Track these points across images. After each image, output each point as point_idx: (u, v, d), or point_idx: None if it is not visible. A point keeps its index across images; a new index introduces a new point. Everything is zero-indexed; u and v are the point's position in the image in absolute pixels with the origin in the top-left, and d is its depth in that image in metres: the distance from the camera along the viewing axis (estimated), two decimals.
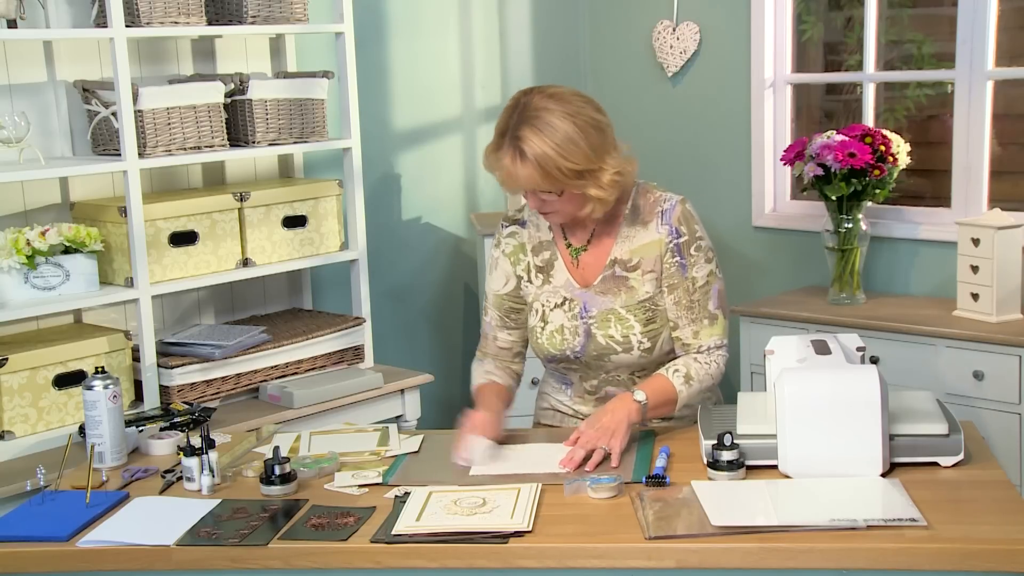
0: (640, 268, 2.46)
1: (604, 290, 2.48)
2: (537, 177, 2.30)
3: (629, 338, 2.45)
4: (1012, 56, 3.87)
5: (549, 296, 2.52)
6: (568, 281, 2.51)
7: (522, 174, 2.31)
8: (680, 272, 2.45)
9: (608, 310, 2.47)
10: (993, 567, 1.85)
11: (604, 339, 2.46)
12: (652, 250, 2.46)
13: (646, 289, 2.46)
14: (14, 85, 3.16)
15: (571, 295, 2.50)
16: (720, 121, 4.48)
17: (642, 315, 2.46)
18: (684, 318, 2.46)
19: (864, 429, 2.10)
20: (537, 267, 2.54)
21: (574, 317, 2.48)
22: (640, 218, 2.48)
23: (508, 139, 2.32)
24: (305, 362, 3.47)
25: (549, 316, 2.51)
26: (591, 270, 2.50)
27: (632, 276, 2.46)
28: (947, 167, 3.96)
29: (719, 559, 1.90)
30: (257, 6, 3.35)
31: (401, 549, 1.96)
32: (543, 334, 2.52)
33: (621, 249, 2.48)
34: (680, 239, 2.45)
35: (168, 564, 2.01)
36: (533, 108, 2.32)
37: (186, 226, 3.28)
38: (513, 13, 4.56)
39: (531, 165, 2.29)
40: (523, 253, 2.56)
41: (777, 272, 4.40)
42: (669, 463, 2.26)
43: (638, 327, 2.45)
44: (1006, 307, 3.58)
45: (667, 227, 2.45)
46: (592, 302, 2.48)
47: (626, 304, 2.46)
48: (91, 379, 2.46)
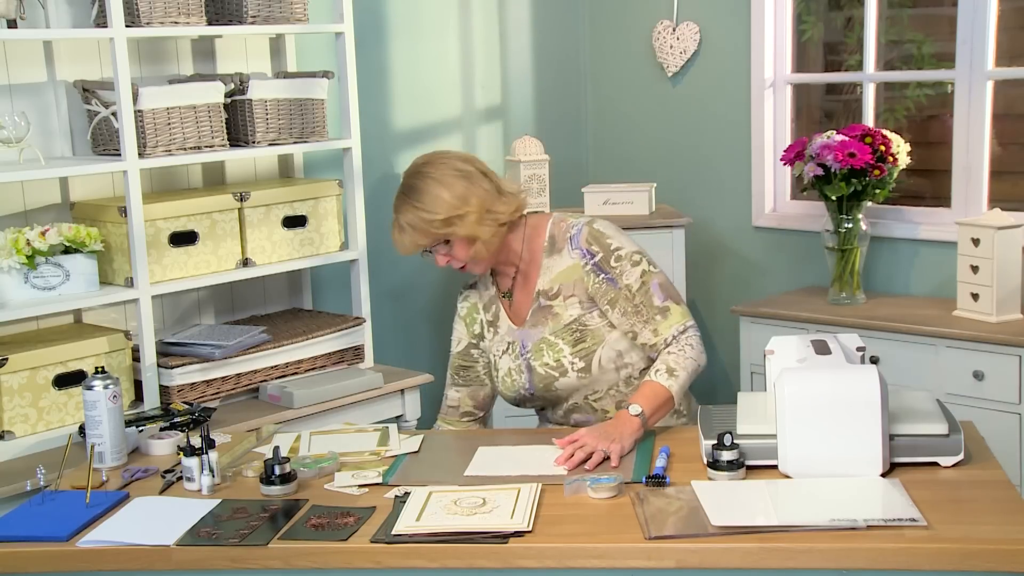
0: (561, 294, 2.57)
1: (535, 323, 2.59)
2: (417, 237, 2.54)
3: (561, 361, 2.54)
4: (1012, 56, 3.87)
5: (498, 346, 2.67)
6: (509, 327, 2.64)
7: (408, 241, 2.55)
8: (612, 286, 2.54)
9: (539, 340, 2.58)
10: (993, 567, 1.85)
11: (542, 368, 2.56)
12: (570, 275, 2.56)
13: (570, 313, 2.56)
14: (14, 85, 3.16)
15: (512, 338, 2.63)
16: (720, 121, 4.48)
17: (569, 337, 2.55)
18: (637, 324, 2.54)
19: (864, 429, 2.10)
20: (488, 322, 2.69)
21: (516, 357, 2.61)
22: (556, 247, 2.60)
23: (396, 219, 2.57)
24: (305, 362, 3.47)
25: (499, 363, 2.67)
26: (523, 308, 2.64)
27: (555, 303, 2.57)
28: (947, 167, 3.96)
29: (719, 559, 1.90)
30: (257, 6, 3.35)
31: (401, 549, 1.96)
32: (499, 381, 2.68)
33: (543, 281, 2.60)
34: (595, 258, 2.56)
35: (168, 564, 2.01)
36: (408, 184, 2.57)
37: (186, 226, 3.28)
38: (513, 13, 4.56)
39: (408, 232, 2.54)
40: (476, 312, 2.73)
41: (777, 272, 4.40)
42: (669, 463, 2.26)
43: (567, 349, 2.54)
44: (1006, 307, 3.58)
45: (579, 251, 2.56)
46: (527, 337, 2.60)
47: (554, 330, 2.56)
48: (91, 379, 2.46)
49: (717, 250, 4.56)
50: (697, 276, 4.54)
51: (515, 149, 4.23)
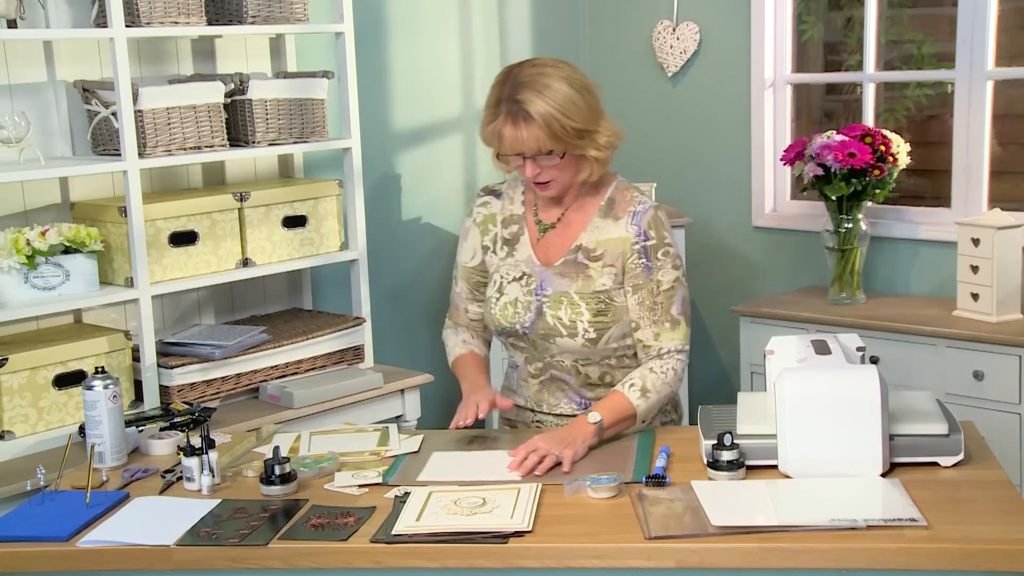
0: (602, 260, 2.48)
1: (563, 272, 2.50)
2: (544, 137, 2.34)
3: (576, 324, 2.47)
4: (1012, 56, 3.87)
5: (509, 269, 2.55)
6: (530, 257, 2.54)
7: (527, 136, 2.34)
8: (645, 274, 2.47)
9: (562, 292, 2.49)
10: (993, 567, 1.85)
11: (553, 319, 2.48)
12: (617, 246, 2.48)
13: (603, 281, 2.48)
14: (14, 85, 3.16)
15: (531, 271, 2.52)
16: (720, 121, 4.48)
17: (594, 304, 2.47)
18: (646, 319, 2.48)
19: (864, 429, 2.10)
20: (504, 239, 2.58)
21: (529, 293, 2.51)
22: (613, 212, 2.51)
23: (507, 105, 2.35)
24: (305, 362, 3.47)
25: (506, 288, 2.54)
26: (555, 250, 2.53)
27: (592, 265, 2.49)
28: (947, 167, 3.97)
29: (719, 559, 1.90)
30: (257, 6, 3.35)
31: (401, 549, 1.96)
32: (496, 305, 2.54)
33: (588, 237, 2.50)
34: (648, 242, 2.47)
35: (168, 564, 2.01)
36: (527, 75, 2.37)
37: (186, 226, 3.28)
38: (513, 13, 4.56)
39: (536, 125, 2.33)
40: (492, 223, 2.60)
41: (777, 272, 4.40)
42: (669, 463, 2.26)
43: (587, 315, 2.47)
44: (1006, 307, 3.58)
45: (636, 227, 2.48)
46: (549, 281, 2.50)
47: (580, 291, 2.48)
48: (91, 379, 2.46)
49: (717, 250, 4.56)
50: (697, 276, 4.54)
51: None
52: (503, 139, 2.37)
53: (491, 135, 2.41)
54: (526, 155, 2.38)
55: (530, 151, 2.37)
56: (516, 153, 2.39)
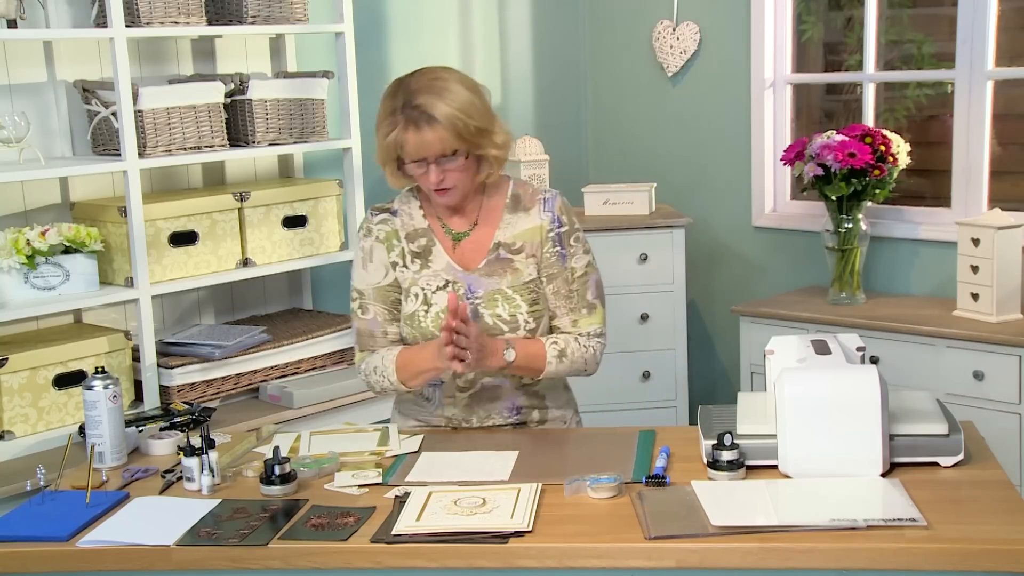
0: (524, 251, 2.51)
1: (490, 272, 2.50)
2: (449, 137, 2.35)
3: (516, 317, 2.48)
4: (1012, 56, 3.87)
5: (429, 280, 2.51)
6: (449, 264, 2.52)
7: (433, 138, 2.35)
8: (560, 262, 2.51)
9: (495, 290, 2.49)
10: (993, 567, 1.85)
11: (491, 318, 2.48)
12: (534, 235, 2.51)
13: (529, 271, 2.50)
14: (14, 85, 3.16)
15: (453, 277, 2.51)
16: (720, 121, 4.48)
17: (527, 295, 2.49)
18: (562, 307, 2.52)
19: (864, 429, 2.10)
20: (413, 252, 2.54)
21: (460, 298, 2.48)
22: (521, 205, 2.53)
23: (406, 112, 2.36)
24: (305, 362, 3.47)
25: (432, 299, 2.50)
26: (473, 255, 2.53)
27: (516, 259, 2.51)
28: (947, 167, 3.96)
29: (719, 559, 1.90)
30: (257, 6, 3.35)
31: (401, 549, 1.96)
32: (427, 317, 2.49)
33: (504, 233, 2.52)
34: (561, 228, 2.51)
35: (168, 564, 2.01)
36: (421, 82, 2.39)
37: (186, 226, 3.28)
38: (513, 13, 4.56)
39: (441, 126, 2.35)
40: (396, 239, 2.55)
41: (777, 272, 4.40)
42: (669, 463, 2.26)
43: (524, 307, 2.49)
44: (1006, 307, 3.58)
45: (550, 214, 2.51)
46: (477, 284, 2.50)
47: (512, 284, 2.49)
48: (91, 379, 2.46)
49: (717, 250, 4.56)
50: (697, 276, 4.54)
51: (515, 149, 4.23)
52: (407, 145, 2.37)
53: (391, 146, 2.39)
54: (430, 160, 2.38)
55: (436, 154, 2.37)
56: (421, 159, 2.38)
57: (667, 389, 4.21)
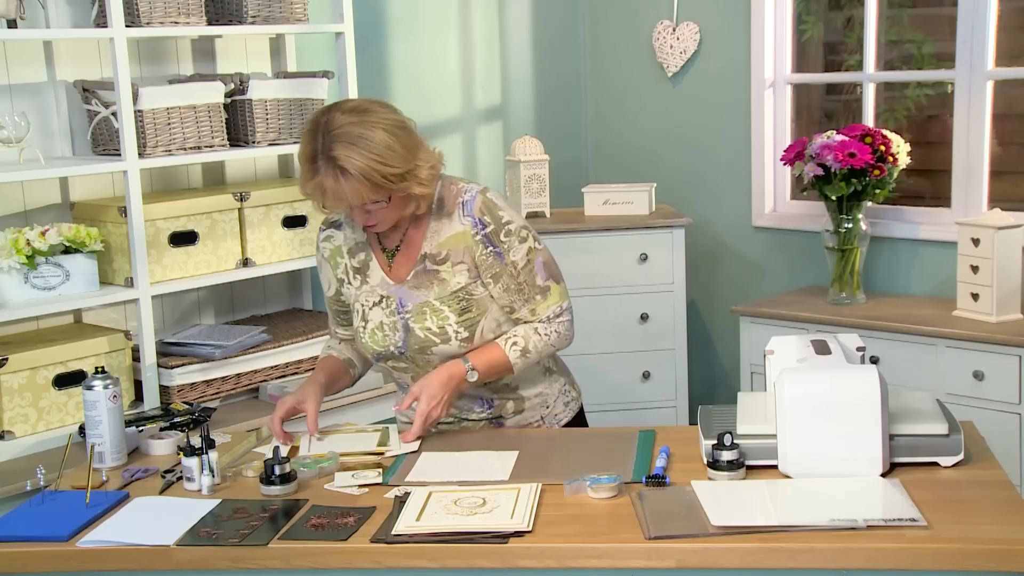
0: (449, 260, 2.48)
1: (417, 284, 2.50)
2: (364, 190, 2.32)
3: (445, 328, 2.47)
4: (1012, 56, 3.87)
5: (367, 296, 2.54)
6: (383, 279, 2.53)
7: (349, 190, 2.31)
8: (498, 260, 2.48)
9: (423, 303, 2.49)
10: (993, 567, 1.85)
11: (422, 332, 2.48)
12: (459, 241, 2.48)
13: (457, 280, 2.48)
14: (14, 85, 3.16)
15: (387, 292, 2.52)
16: (720, 121, 4.48)
17: (456, 305, 2.48)
18: (517, 300, 2.50)
19: (864, 429, 2.10)
20: (354, 268, 2.57)
21: (392, 313, 2.51)
22: (444, 210, 2.50)
23: (323, 161, 2.31)
24: (305, 362, 3.47)
25: (368, 315, 2.54)
26: (403, 267, 2.53)
27: (442, 269, 2.49)
28: (947, 167, 3.97)
29: (719, 559, 1.90)
30: (257, 6, 3.35)
31: (401, 549, 1.96)
32: (365, 333, 2.54)
33: (430, 244, 2.50)
34: (486, 229, 2.47)
35: (168, 564, 2.01)
36: (338, 126, 2.32)
37: (186, 226, 3.28)
38: (513, 13, 4.56)
39: (355, 180, 2.30)
40: (340, 256, 2.59)
41: (777, 272, 4.40)
42: (669, 463, 2.26)
43: (453, 317, 2.47)
44: (1006, 307, 3.58)
45: (470, 219, 2.47)
46: (407, 297, 2.50)
47: (439, 296, 2.48)
48: (91, 379, 2.46)
49: (717, 250, 4.56)
50: (697, 276, 4.55)
51: (515, 149, 4.23)
52: (326, 194, 2.35)
53: (314, 190, 2.36)
54: (355, 207, 2.37)
55: (352, 204, 2.35)
56: (339, 207, 2.39)
57: (667, 389, 4.21)
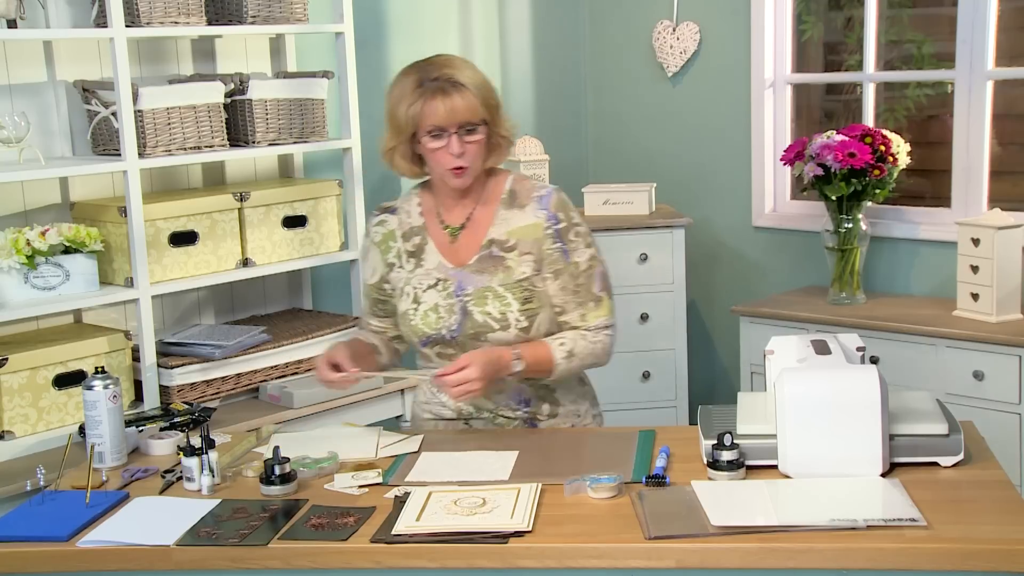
0: (517, 249, 2.50)
1: (480, 269, 2.51)
2: (478, 104, 2.41)
3: (506, 315, 2.48)
4: (1012, 56, 3.87)
5: (422, 279, 2.54)
6: (440, 263, 2.54)
7: (462, 104, 2.40)
8: (563, 258, 2.50)
9: (485, 288, 2.49)
10: (993, 567, 1.85)
11: (481, 316, 2.48)
12: (529, 233, 2.51)
13: (523, 270, 2.50)
14: (14, 85, 3.16)
15: (444, 276, 2.53)
16: (720, 121, 4.48)
17: (519, 294, 2.49)
18: (571, 303, 2.52)
19: (864, 429, 2.10)
20: (408, 252, 2.58)
21: (449, 296, 2.50)
22: (517, 202, 2.53)
23: (432, 84, 2.40)
24: (305, 362, 3.47)
25: (422, 297, 2.53)
26: (466, 250, 2.54)
27: (509, 256, 2.50)
28: (947, 167, 3.97)
29: (719, 559, 1.90)
30: (257, 6, 3.35)
31: (401, 549, 1.96)
32: (416, 315, 2.53)
33: (498, 230, 2.52)
34: (559, 225, 2.51)
35: (168, 564, 2.01)
36: (439, 61, 2.45)
37: (186, 226, 3.28)
38: (513, 13, 4.56)
39: (471, 93, 2.41)
40: (393, 240, 2.59)
41: (777, 272, 4.40)
42: (669, 463, 2.26)
43: (515, 305, 2.48)
44: (1006, 307, 3.58)
45: (545, 212, 2.51)
46: (467, 281, 2.51)
47: (503, 283, 2.49)
48: (91, 379, 2.46)
49: (717, 250, 4.56)
50: (697, 276, 4.54)
51: (515, 149, 4.22)
52: (436, 113, 2.39)
53: (411, 119, 2.42)
54: (452, 130, 2.41)
55: (462, 121, 2.41)
56: (443, 129, 2.41)
57: (667, 389, 4.21)
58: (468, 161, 2.45)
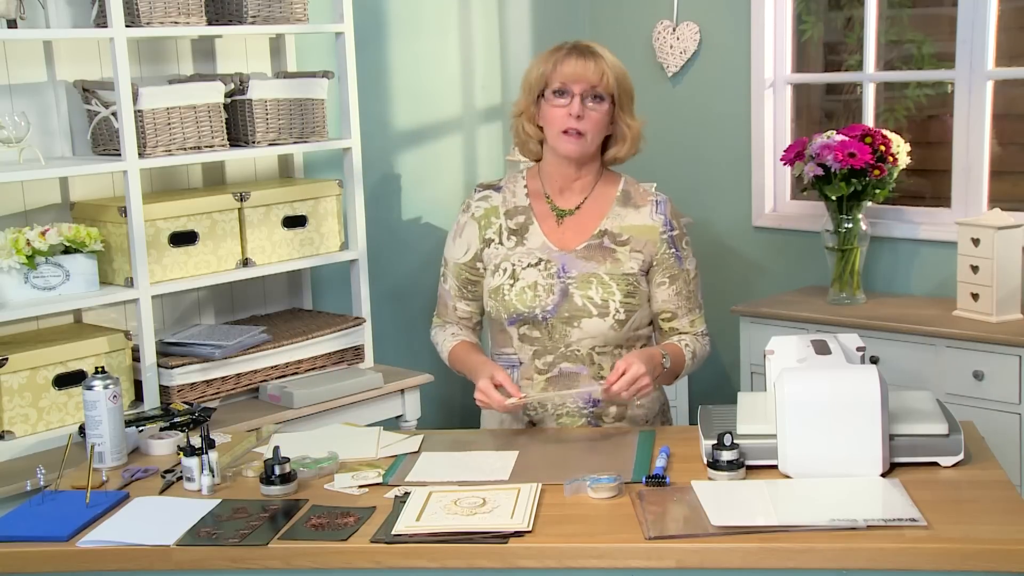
0: (629, 245, 2.54)
1: (588, 256, 2.53)
2: (609, 76, 2.47)
3: (608, 302, 2.49)
4: (1012, 56, 3.87)
5: (522, 256, 2.54)
6: (545, 243, 2.55)
7: (595, 68, 2.46)
8: (678, 264, 2.57)
9: (590, 273, 2.51)
10: (993, 567, 1.85)
11: (582, 299, 2.49)
12: (645, 233, 2.55)
13: (631, 265, 2.53)
14: (14, 85, 3.16)
15: (548, 256, 2.53)
16: (720, 121, 4.48)
17: (624, 286, 2.51)
18: (683, 308, 2.61)
19: (864, 429, 2.10)
20: (510, 229, 2.58)
21: (550, 276, 2.51)
22: (632, 202, 2.58)
23: (572, 48, 2.49)
24: (305, 362, 3.47)
25: (521, 274, 2.52)
26: (574, 235, 2.55)
27: (620, 250, 2.53)
28: (947, 167, 3.97)
29: (719, 559, 1.90)
30: (257, 6, 3.35)
31: (401, 549, 1.96)
32: (511, 291, 2.51)
33: (612, 223, 2.56)
34: (673, 232, 2.58)
35: (168, 564, 2.01)
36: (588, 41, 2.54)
37: (186, 226, 3.28)
38: (513, 13, 4.56)
39: (606, 63, 2.47)
40: (495, 216, 2.59)
41: (777, 272, 4.40)
42: (669, 463, 2.26)
43: (619, 296, 2.50)
44: (1006, 307, 3.58)
45: (662, 217, 2.57)
46: (572, 264, 2.52)
47: (610, 272, 2.51)
48: (91, 379, 2.46)
49: (717, 250, 4.56)
50: None
51: (515, 149, 4.22)
52: (566, 69, 2.45)
53: (542, 77, 2.48)
54: (577, 92, 2.45)
55: (590, 85, 2.45)
56: (570, 89, 2.45)
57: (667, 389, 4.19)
58: (586, 127, 2.47)
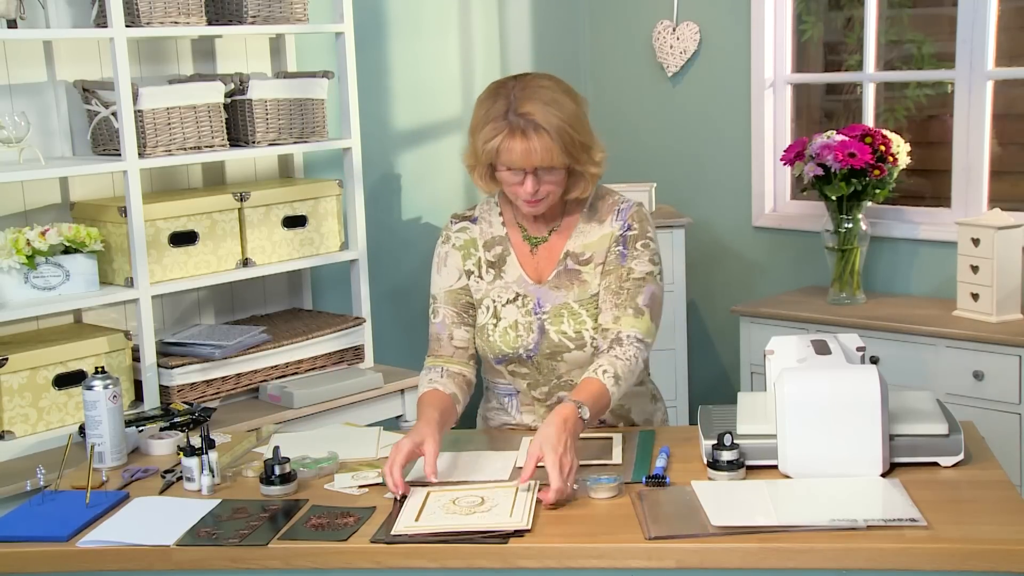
0: (592, 261, 2.44)
1: (558, 284, 2.44)
2: (556, 150, 2.28)
3: (582, 334, 2.41)
4: (1012, 56, 3.87)
5: (500, 292, 2.46)
6: (521, 276, 2.46)
7: (540, 148, 2.27)
8: (619, 260, 2.42)
9: (561, 305, 2.43)
10: (993, 567, 1.85)
11: (557, 335, 2.42)
12: (603, 243, 2.44)
13: (597, 283, 2.44)
14: (14, 85, 3.16)
15: (524, 291, 2.45)
16: (720, 121, 4.48)
17: (593, 311, 2.42)
18: (609, 302, 2.41)
19: (864, 429, 2.10)
20: (488, 262, 2.49)
21: (528, 313, 2.43)
22: (597, 216, 2.47)
23: (513, 119, 2.28)
24: (305, 362, 3.47)
25: (501, 312, 2.45)
26: (546, 264, 2.47)
27: (584, 269, 2.44)
28: (947, 167, 3.97)
29: (719, 559, 1.90)
30: (257, 6, 3.35)
31: (401, 549, 1.96)
32: (495, 331, 2.45)
33: (574, 243, 2.45)
34: (629, 232, 2.44)
35: (168, 564, 2.01)
36: (527, 89, 2.31)
37: (186, 226, 3.28)
38: (513, 13, 4.56)
39: (550, 137, 2.28)
40: (474, 248, 2.50)
41: (777, 272, 4.40)
42: (669, 463, 2.26)
43: (590, 323, 2.41)
44: (1006, 307, 3.58)
45: (620, 221, 2.44)
46: (545, 297, 2.44)
47: (579, 298, 2.43)
48: (91, 379, 2.46)
49: (717, 250, 4.56)
50: (697, 276, 4.54)
51: None
52: (512, 153, 2.29)
53: (489, 152, 2.31)
54: (529, 170, 2.31)
55: (539, 164, 2.30)
56: (523, 167, 2.30)
57: (667, 389, 4.20)
58: (543, 195, 2.35)
